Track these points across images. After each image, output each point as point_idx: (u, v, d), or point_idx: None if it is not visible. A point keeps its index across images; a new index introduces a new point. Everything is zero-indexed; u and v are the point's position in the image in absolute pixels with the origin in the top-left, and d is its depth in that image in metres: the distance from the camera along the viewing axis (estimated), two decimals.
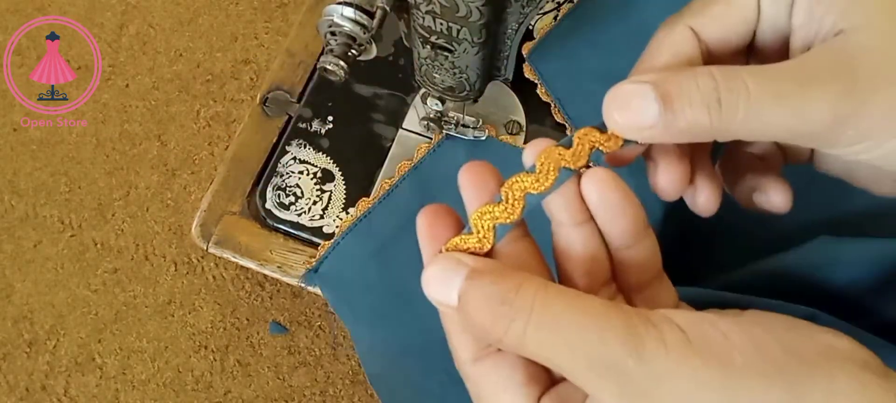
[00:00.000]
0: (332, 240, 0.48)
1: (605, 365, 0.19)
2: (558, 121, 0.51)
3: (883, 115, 0.21)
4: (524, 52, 0.53)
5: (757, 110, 0.21)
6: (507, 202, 0.23)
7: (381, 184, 0.50)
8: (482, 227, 0.22)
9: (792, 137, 0.22)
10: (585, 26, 0.53)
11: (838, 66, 0.21)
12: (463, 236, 0.23)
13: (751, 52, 0.26)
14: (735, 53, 0.26)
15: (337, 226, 0.50)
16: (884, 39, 0.21)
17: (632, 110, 0.22)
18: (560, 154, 0.23)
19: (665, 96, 0.21)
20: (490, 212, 0.23)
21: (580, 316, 0.19)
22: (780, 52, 0.25)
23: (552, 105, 0.52)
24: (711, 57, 0.25)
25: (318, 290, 0.49)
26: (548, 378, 0.22)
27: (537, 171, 0.23)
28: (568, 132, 0.51)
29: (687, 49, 0.25)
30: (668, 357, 0.18)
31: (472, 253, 0.22)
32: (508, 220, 0.22)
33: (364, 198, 0.50)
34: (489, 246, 0.22)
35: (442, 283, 0.21)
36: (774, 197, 0.28)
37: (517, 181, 0.23)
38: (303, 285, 0.49)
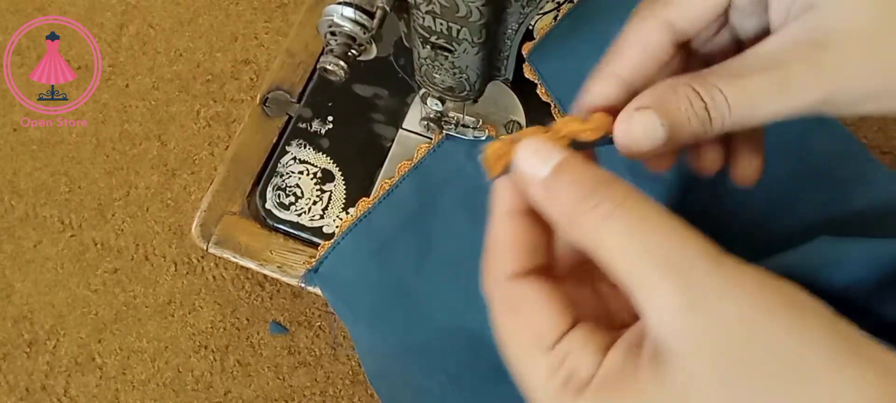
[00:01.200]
0: (332, 240, 0.48)
1: (674, 265, 0.19)
2: None
3: (866, 86, 0.22)
4: (524, 52, 0.53)
5: (739, 118, 0.23)
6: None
7: (381, 184, 0.50)
8: None
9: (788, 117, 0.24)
10: (585, 26, 0.53)
11: (811, 49, 0.22)
12: None
13: (727, 27, 0.27)
14: (712, 33, 0.27)
15: (337, 226, 0.50)
16: (853, 13, 0.22)
17: (640, 136, 0.24)
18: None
19: (666, 116, 0.23)
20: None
21: (667, 218, 0.19)
22: (758, 28, 0.26)
23: (552, 105, 0.52)
24: (687, 44, 0.27)
25: (318, 290, 0.49)
26: (577, 314, 0.22)
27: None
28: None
29: (655, 40, 0.26)
30: (745, 276, 0.19)
31: None
32: None
33: (364, 198, 0.50)
34: None
35: (538, 155, 0.22)
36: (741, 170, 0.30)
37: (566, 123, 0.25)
38: (303, 285, 0.49)
